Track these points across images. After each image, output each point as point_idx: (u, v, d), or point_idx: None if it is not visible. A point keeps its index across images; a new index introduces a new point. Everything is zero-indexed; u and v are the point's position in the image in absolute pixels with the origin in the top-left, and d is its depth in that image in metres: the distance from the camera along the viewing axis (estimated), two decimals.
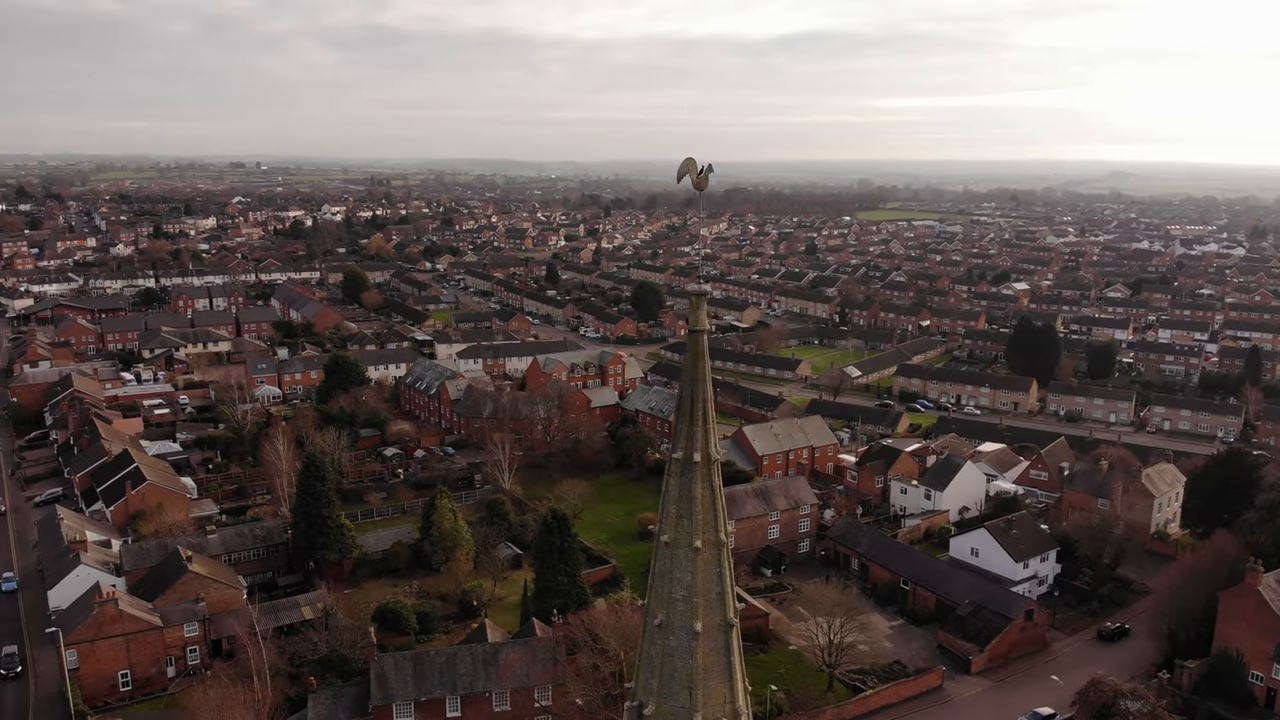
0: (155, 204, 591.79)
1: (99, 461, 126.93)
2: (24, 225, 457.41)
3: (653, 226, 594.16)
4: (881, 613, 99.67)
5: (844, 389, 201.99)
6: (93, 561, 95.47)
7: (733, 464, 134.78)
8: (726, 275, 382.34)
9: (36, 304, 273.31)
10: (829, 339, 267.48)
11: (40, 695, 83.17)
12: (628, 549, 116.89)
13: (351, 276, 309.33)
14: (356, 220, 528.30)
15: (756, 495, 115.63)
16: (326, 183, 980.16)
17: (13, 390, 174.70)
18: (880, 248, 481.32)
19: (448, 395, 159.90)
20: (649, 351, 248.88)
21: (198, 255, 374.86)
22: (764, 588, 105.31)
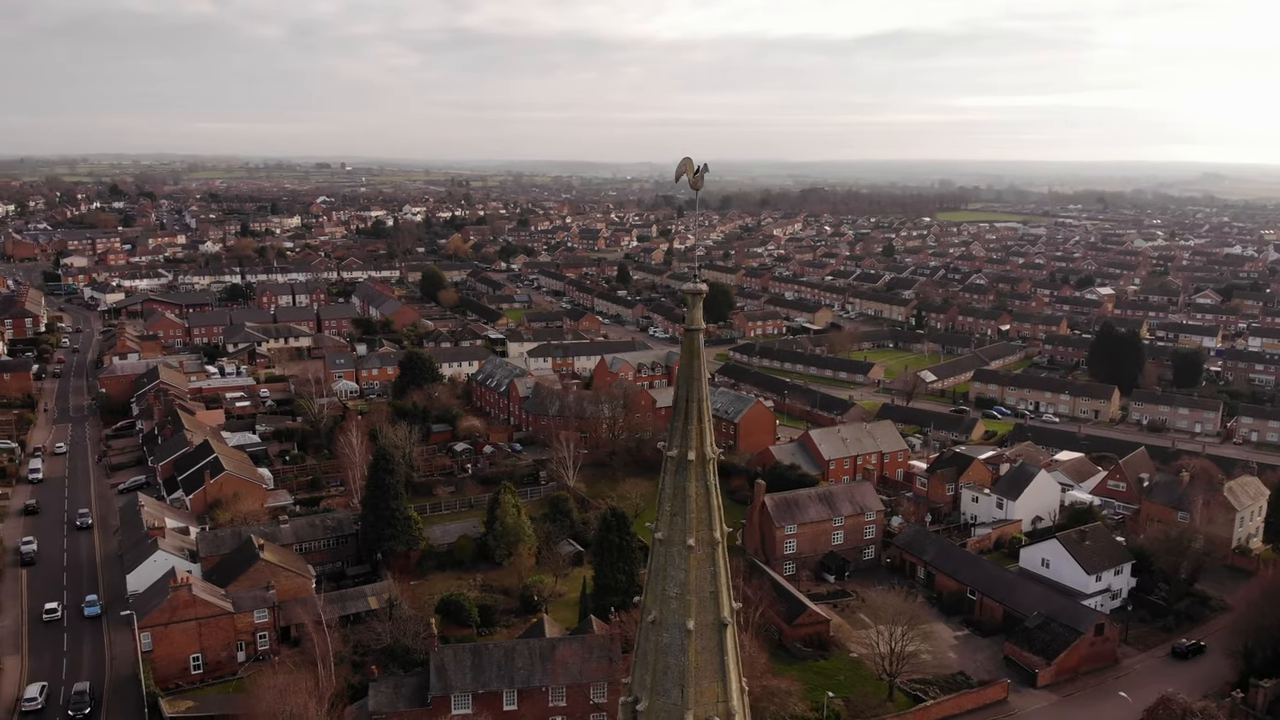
0: (243, 203, 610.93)
1: (180, 451, 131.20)
2: (118, 222, 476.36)
3: (725, 227, 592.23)
4: (947, 622, 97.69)
5: (918, 394, 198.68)
6: (170, 548, 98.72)
7: (797, 468, 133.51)
8: (800, 276, 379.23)
9: (127, 298, 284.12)
10: (904, 342, 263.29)
11: (115, 676, 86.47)
12: None
13: (429, 276, 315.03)
14: (436, 221, 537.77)
15: (820, 500, 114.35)
16: (408, 183, 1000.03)
17: (102, 381, 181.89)
18: (960, 250, 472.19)
19: (517, 393, 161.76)
20: (717, 353, 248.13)
21: (282, 253, 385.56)
22: (826, 594, 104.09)
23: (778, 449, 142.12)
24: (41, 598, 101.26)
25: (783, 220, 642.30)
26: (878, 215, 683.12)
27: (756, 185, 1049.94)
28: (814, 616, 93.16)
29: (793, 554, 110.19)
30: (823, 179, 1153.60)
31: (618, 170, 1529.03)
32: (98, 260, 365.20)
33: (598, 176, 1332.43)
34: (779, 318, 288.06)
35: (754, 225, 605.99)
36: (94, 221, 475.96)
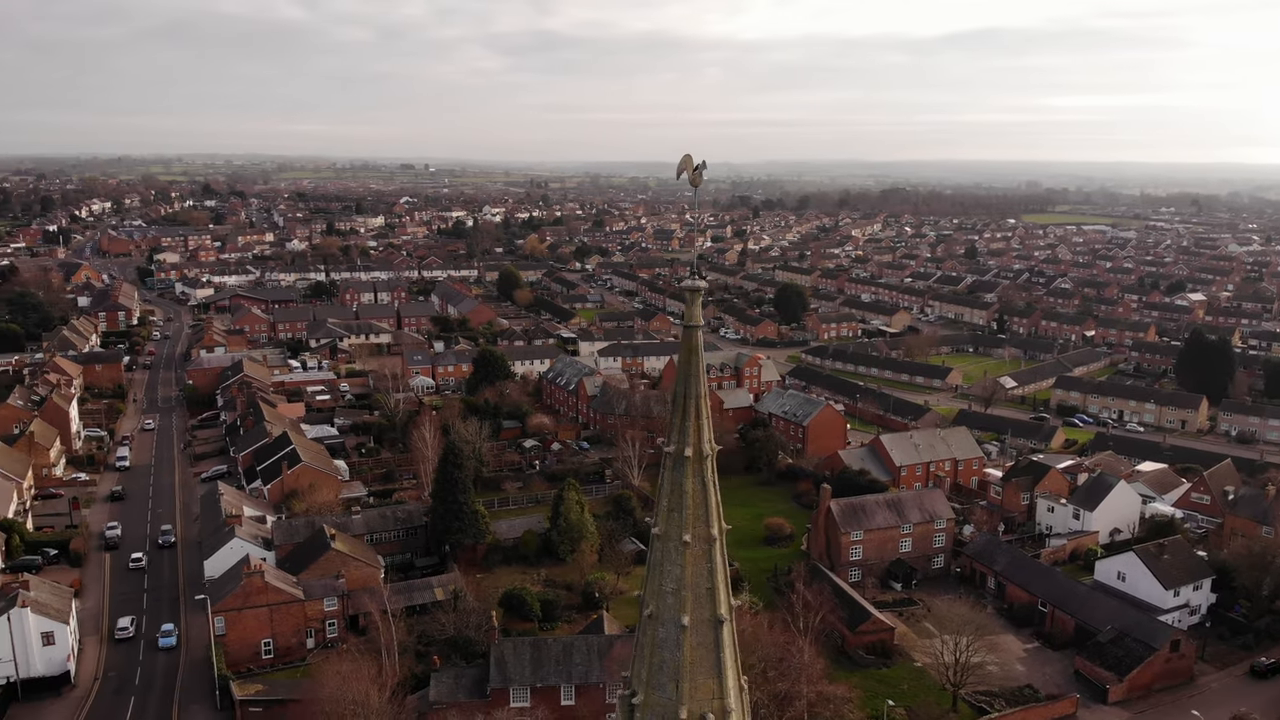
0: (329, 202, 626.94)
1: (260, 442, 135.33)
2: (209, 220, 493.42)
3: (802, 228, 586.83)
4: (1016, 634, 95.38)
5: (996, 400, 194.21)
6: (246, 535, 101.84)
7: (866, 473, 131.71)
8: (877, 278, 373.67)
9: (216, 294, 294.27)
10: (984, 347, 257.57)
11: (190, 659, 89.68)
12: (751, 553, 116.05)
13: (506, 275, 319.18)
14: (514, 221, 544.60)
15: (888, 506, 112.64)
16: (489, 185, 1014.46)
17: (189, 373, 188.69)
18: (1046, 253, 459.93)
19: (585, 391, 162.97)
20: (789, 355, 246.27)
21: (366, 252, 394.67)
22: (892, 602, 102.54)
23: (847, 454, 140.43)
24: (123, 581, 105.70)
25: (861, 221, 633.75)
26: (961, 216, 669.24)
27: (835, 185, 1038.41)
28: (877, 624, 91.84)
29: (858, 560, 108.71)
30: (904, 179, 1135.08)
31: None
32: (189, 256, 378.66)
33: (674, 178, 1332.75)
34: (854, 320, 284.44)
35: (831, 226, 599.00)
36: (186, 219, 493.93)
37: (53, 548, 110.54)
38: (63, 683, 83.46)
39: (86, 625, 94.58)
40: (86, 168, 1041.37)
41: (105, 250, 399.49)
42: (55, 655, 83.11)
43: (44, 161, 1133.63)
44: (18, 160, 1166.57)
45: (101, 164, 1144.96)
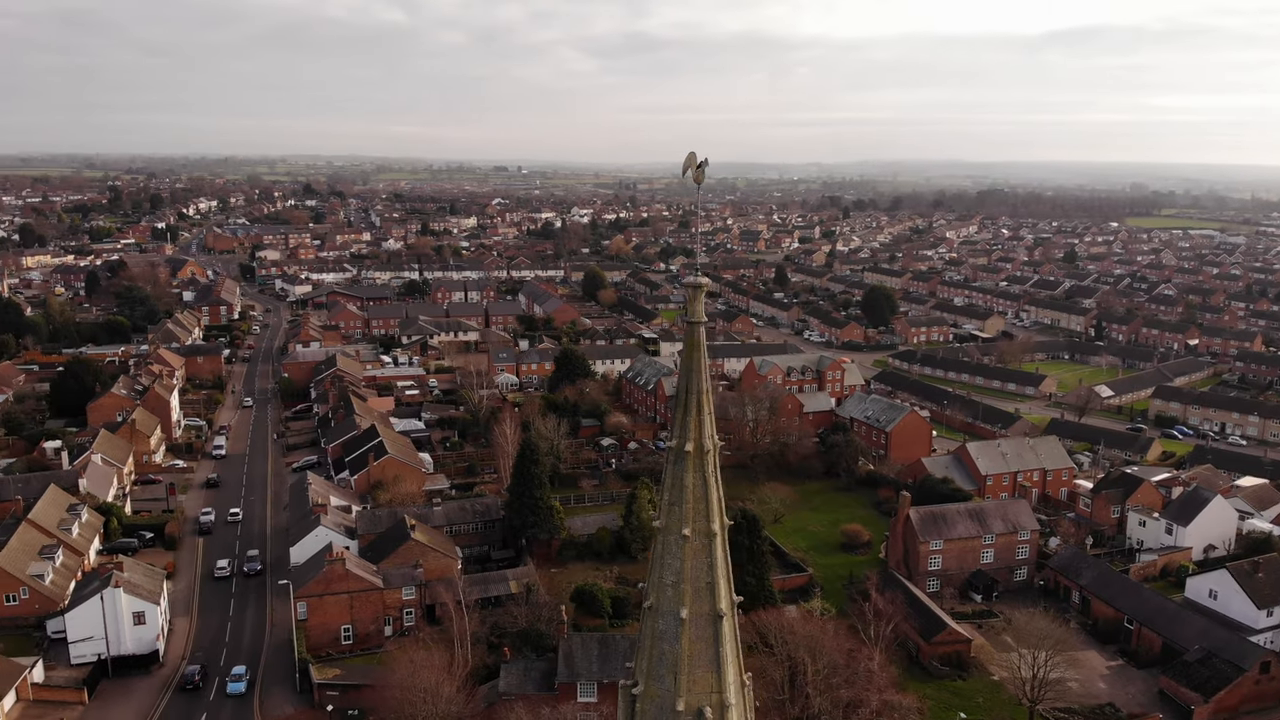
0: (425, 203, 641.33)
1: (350, 434, 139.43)
2: (309, 219, 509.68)
3: (894, 229, 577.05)
4: (1100, 651, 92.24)
5: (1091, 409, 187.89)
6: (331, 524, 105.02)
7: (950, 481, 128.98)
8: (971, 281, 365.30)
9: (314, 290, 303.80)
10: (1081, 354, 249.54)
11: (274, 642, 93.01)
12: (827, 559, 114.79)
13: (591, 275, 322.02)
14: (601, 222, 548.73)
15: (970, 516, 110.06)
16: (579, 186, 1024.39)
17: (285, 367, 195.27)
18: (1149, 258, 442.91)
19: (663, 391, 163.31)
20: (875, 359, 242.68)
21: (458, 251, 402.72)
22: (971, 613, 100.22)
23: (931, 461, 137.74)
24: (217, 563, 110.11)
25: (956, 222, 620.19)
26: (1060, 219, 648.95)
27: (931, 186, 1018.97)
28: (954, 635, 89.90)
29: (937, 570, 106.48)
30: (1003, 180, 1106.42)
31: (785, 171, 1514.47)
32: (289, 254, 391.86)
33: (763, 178, 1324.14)
34: (945, 324, 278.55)
35: (925, 227, 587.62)
36: (288, 218, 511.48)
37: (149, 531, 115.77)
38: (151, 661, 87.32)
39: (177, 606, 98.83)
40: (195, 167, 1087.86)
41: (210, 247, 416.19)
42: (145, 634, 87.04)
43: (155, 161, 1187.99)
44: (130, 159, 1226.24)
45: (209, 164, 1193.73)
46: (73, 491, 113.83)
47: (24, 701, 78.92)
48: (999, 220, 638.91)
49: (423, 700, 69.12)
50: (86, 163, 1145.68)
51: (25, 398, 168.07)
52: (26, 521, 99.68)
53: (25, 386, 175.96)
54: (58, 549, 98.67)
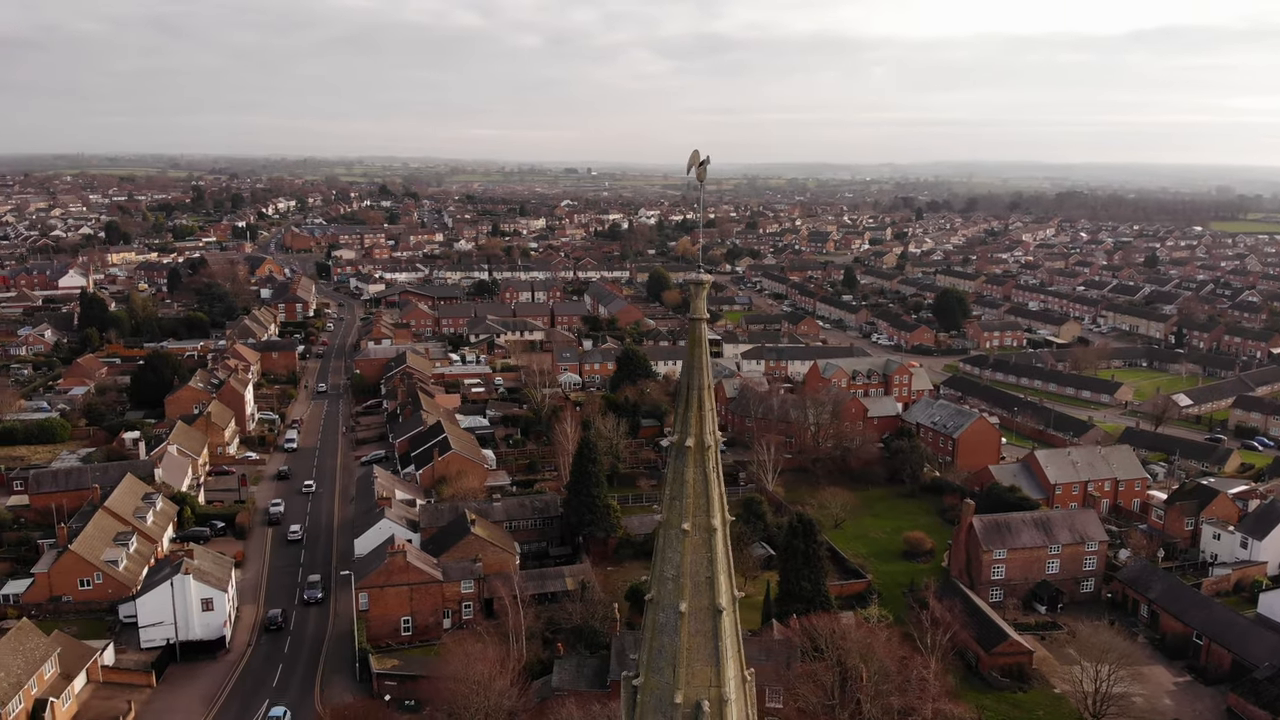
0: (496, 205, 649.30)
1: (416, 429, 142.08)
2: (384, 220, 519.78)
3: (968, 231, 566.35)
4: (1168, 666, 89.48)
5: (1168, 418, 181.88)
6: (394, 517, 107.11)
7: (1017, 490, 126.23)
8: (1047, 285, 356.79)
9: (386, 289, 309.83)
10: (1159, 362, 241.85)
11: (336, 631, 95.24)
12: (887, 566, 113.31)
13: (655, 276, 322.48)
14: (668, 223, 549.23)
15: (1036, 525, 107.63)
16: (647, 188, 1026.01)
17: (357, 363, 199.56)
18: (1234, 263, 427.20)
19: (723, 393, 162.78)
20: (945, 364, 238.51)
21: (526, 252, 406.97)
22: (1034, 625, 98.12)
23: (999, 469, 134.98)
24: (282, 555, 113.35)
25: (1033, 225, 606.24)
26: (1142, 222, 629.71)
27: (1007, 187, 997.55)
28: (1015, 646, 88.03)
29: (1000, 580, 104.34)
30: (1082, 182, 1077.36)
31: (857, 172, 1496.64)
32: (364, 254, 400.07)
33: (835, 178, 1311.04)
34: (1019, 329, 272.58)
35: (1000, 229, 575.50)
36: (363, 218, 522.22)
37: (221, 520, 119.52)
38: (218, 647, 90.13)
39: (245, 595, 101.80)
40: (275, 168, 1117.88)
41: (288, 246, 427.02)
42: (213, 621, 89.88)
43: (237, 162, 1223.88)
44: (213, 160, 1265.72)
45: (289, 164, 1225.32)
46: (148, 481, 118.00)
47: (94, 683, 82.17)
48: (1078, 223, 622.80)
49: (475, 692, 70.09)
50: (172, 163, 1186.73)
51: (107, 390, 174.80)
52: (103, 509, 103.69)
53: (107, 379, 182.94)
54: (132, 536, 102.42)
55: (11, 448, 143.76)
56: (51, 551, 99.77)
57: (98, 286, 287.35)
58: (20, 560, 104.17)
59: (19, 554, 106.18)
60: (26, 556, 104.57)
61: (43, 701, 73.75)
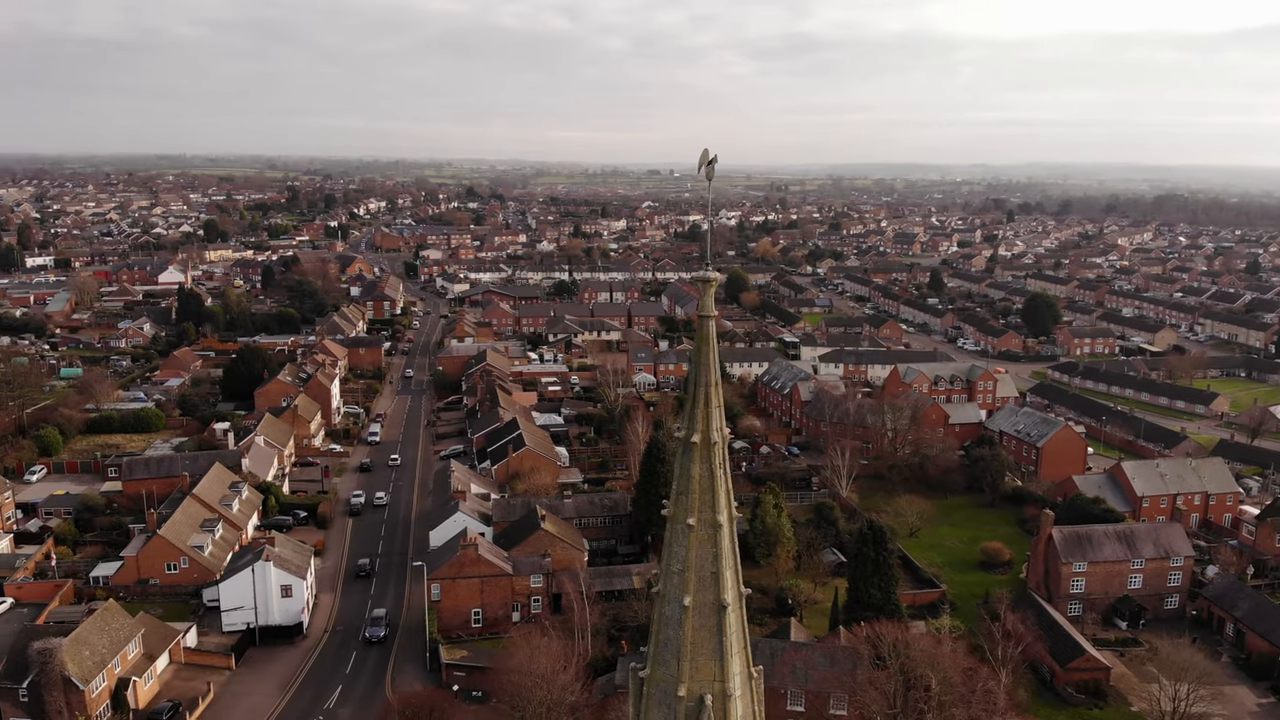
0: (578, 206, 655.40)
1: (493, 426, 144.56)
2: (470, 221, 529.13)
3: (1061, 234, 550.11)
4: (1252, 687, 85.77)
5: (1265, 431, 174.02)
6: (468, 510, 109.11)
7: (1102, 501, 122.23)
8: (1142, 291, 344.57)
9: (471, 289, 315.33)
10: (1260, 372, 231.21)
11: (409, 621, 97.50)
12: (962, 576, 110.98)
13: (733, 278, 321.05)
14: (748, 224, 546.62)
15: (1118, 538, 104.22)
16: (729, 189, 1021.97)
17: (439, 360, 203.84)
18: None
19: (799, 396, 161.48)
20: (1033, 370, 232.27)
21: (606, 253, 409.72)
22: (1113, 640, 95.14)
23: (1083, 479, 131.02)
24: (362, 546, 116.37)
25: (1129, 228, 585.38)
26: (1245, 227, 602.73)
27: (1104, 189, 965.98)
28: (1092, 662, 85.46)
29: (1079, 593, 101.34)
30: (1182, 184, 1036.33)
31: (947, 172, 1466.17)
32: (450, 254, 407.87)
33: (924, 179, 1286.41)
34: (1111, 336, 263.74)
35: (1095, 233, 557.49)
36: (451, 219, 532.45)
37: (304, 510, 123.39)
38: (296, 633, 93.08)
39: (324, 583, 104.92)
40: (368, 169, 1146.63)
41: (378, 245, 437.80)
42: (291, 607, 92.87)
43: (331, 163, 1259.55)
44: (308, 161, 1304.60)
45: (381, 166, 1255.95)
46: (236, 470, 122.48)
47: (176, 664, 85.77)
48: (1176, 227, 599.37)
49: (538, 685, 70.99)
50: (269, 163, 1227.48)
51: (201, 382, 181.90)
52: (191, 496, 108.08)
53: (201, 371, 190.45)
54: (218, 523, 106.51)
55: (109, 436, 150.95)
56: (141, 536, 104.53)
57: (195, 282, 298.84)
58: (111, 544, 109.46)
59: (110, 538, 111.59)
60: (117, 540, 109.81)
61: (126, 680, 77.31)
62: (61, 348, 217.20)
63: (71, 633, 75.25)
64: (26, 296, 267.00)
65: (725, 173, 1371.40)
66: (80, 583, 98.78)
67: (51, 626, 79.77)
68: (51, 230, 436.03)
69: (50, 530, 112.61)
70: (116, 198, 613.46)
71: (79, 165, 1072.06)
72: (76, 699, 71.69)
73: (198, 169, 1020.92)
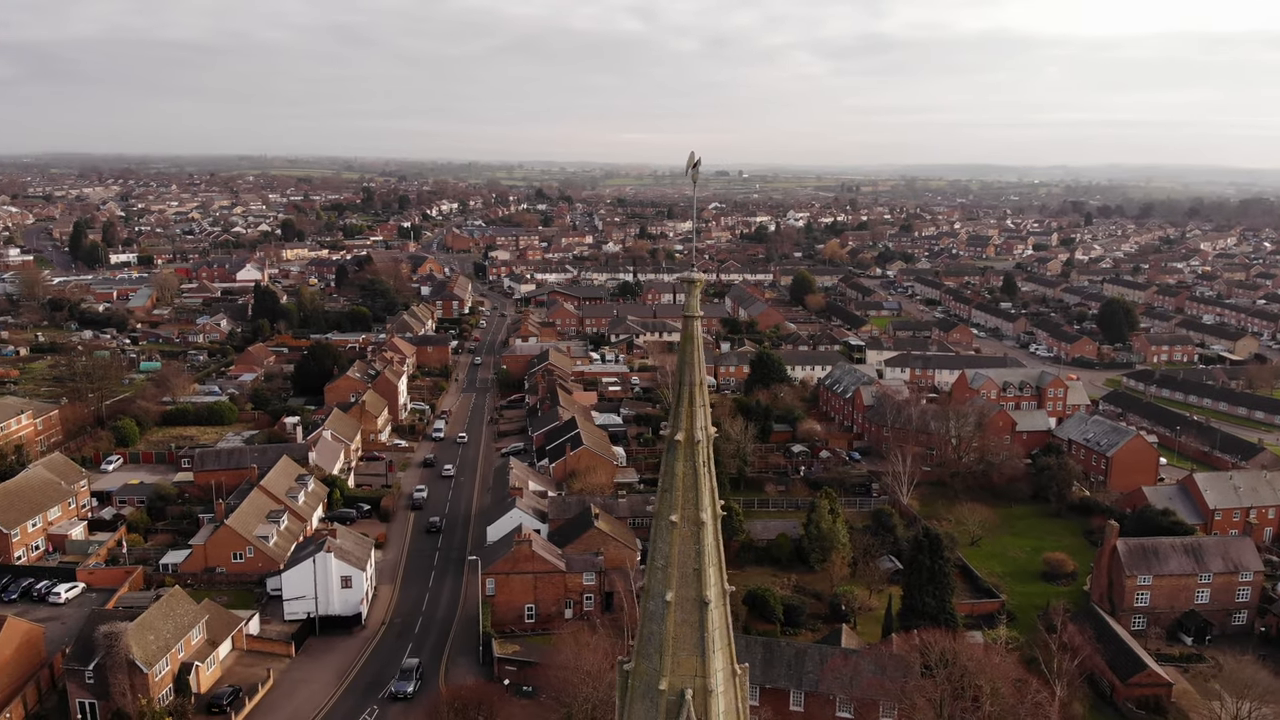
0: (644, 208, 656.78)
1: (552, 424, 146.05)
2: (538, 222, 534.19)
3: (1141, 238, 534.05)
4: None
5: None
6: (525, 507, 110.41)
7: (1171, 513, 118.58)
8: (1225, 298, 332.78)
9: (537, 289, 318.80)
10: None
11: (464, 615, 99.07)
12: (1024, 587, 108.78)
13: (799, 280, 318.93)
14: (817, 226, 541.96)
15: (1185, 552, 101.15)
16: (799, 189, 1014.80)
17: (504, 359, 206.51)
18: None
19: (861, 400, 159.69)
20: (1107, 378, 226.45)
21: (671, 255, 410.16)
22: (1178, 656, 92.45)
23: (1152, 491, 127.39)
24: (422, 539, 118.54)
25: (1213, 233, 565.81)
26: None
27: (1188, 192, 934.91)
28: (1153, 677, 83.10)
29: (1144, 607, 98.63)
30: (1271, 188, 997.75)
31: (1024, 174, 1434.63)
32: (518, 255, 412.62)
33: (1000, 180, 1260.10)
34: (1190, 343, 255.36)
35: (1177, 237, 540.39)
36: (519, 221, 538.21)
37: (367, 504, 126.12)
38: (354, 623, 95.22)
39: (384, 575, 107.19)
40: (441, 171, 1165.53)
41: (449, 246, 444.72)
42: (351, 598, 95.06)
43: (406, 165, 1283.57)
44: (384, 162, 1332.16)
45: (454, 168, 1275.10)
46: (303, 463, 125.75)
47: (239, 650, 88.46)
48: (1262, 232, 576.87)
49: (585, 682, 71.61)
50: (346, 165, 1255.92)
51: (273, 377, 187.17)
52: (259, 488, 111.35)
53: (274, 367, 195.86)
54: (283, 514, 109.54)
55: (183, 428, 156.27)
56: (209, 525, 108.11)
57: (271, 280, 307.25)
58: (181, 532, 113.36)
59: (181, 526, 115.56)
60: (187, 529, 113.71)
61: (188, 665, 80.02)
62: (142, 342, 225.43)
63: (137, 618, 78.15)
64: (110, 292, 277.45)
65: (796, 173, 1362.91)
66: (150, 569, 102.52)
67: (120, 611, 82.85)
68: (136, 228, 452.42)
69: (123, 518, 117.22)
70: (199, 197, 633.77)
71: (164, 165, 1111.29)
72: (140, 681, 74.42)
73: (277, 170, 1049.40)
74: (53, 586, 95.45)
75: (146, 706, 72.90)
